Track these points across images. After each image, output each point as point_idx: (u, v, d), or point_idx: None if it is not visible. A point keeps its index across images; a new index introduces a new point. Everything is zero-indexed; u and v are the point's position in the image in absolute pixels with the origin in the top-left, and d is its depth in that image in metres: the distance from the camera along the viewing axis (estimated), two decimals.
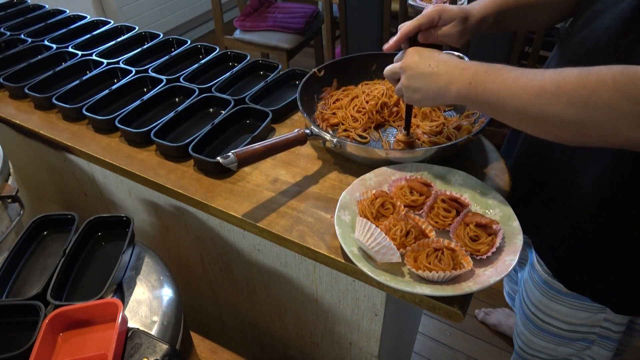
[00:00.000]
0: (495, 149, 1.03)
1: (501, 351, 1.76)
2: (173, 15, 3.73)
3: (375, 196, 0.86)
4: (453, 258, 0.76)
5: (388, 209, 0.85)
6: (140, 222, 1.27)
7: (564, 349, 1.01)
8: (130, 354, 0.75)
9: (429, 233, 0.82)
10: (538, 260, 0.96)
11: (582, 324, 0.94)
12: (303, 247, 0.86)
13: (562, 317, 0.95)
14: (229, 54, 1.41)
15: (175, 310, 0.88)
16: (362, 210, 0.85)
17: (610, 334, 0.93)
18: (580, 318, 0.93)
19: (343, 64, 1.20)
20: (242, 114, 1.16)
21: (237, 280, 1.18)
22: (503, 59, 1.98)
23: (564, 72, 0.63)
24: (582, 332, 0.96)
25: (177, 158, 1.07)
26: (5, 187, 1.09)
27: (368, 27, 2.23)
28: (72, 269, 0.89)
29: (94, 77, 1.33)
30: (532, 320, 1.02)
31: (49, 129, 1.20)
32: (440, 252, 0.77)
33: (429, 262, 0.76)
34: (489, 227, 0.80)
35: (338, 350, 1.13)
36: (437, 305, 0.76)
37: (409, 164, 0.94)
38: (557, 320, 0.97)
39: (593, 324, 0.93)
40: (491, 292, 1.93)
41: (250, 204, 0.94)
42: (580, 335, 0.96)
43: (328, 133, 0.99)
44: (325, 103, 1.15)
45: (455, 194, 0.86)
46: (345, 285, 0.95)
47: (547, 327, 0.99)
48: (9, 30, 1.61)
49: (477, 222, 0.80)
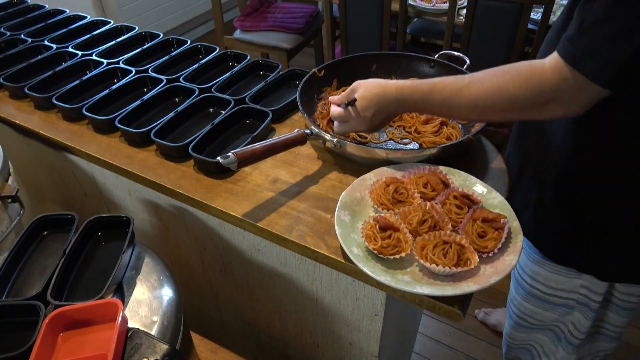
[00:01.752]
0: (495, 149, 1.03)
1: (501, 351, 1.76)
2: (173, 15, 3.73)
3: (387, 183, 0.87)
4: (461, 254, 0.76)
5: (402, 193, 0.87)
6: (140, 222, 1.27)
7: (549, 313, 1.07)
8: (130, 354, 0.75)
9: (444, 226, 0.82)
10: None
11: (561, 289, 1.01)
12: (303, 247, 0.86)
13: (544, 280, 1.02)
14: (229, 54, 1.41)
15: (175, 310, 0.88)
16: (378, 198, 0.86)
17: (589, 302, 0.98)
18: (559, 282, 1.00)
19: (343, 64, 1.20)
20: (242, 114, 1.16)
21: (237, 280, 1.18)
22: (503, 59, 1.98)
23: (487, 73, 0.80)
24: (562, 297, 1.02)
25: (177, 158, 1.07)
26: (5, 187, 1.09)
27: (368, 27, 2.23)
28: (72, 269, 0.89)
29: (94, 77, 1.33)
30: (521, 284, 1.09)
31: (49, 129, 1.20)
32: (448, 246, 0.77)
33: (434, 254, 0.76)
34: (496, 221, 0.80)
35: (338, 350, 1.13)
36: (437, 305, 0.76)
37: (409, 164, 0.94)
38: (540, 284, 1.03)
39: (571, 290, 0.99)
40: (491, 292, 1.93)
41: (250, 204, 0.94)
42: (561, 300, 1.03)
43: (328, 133, 0.99)
44: (325, 103, 1.15)
45: (467, 190, 0.86)
46: (345, 285, 0.95)
47: (532, 291, 1.06)
48: (9, 30, 1.61)
49: (484, 217, 0.81)
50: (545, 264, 1.00)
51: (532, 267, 1.04)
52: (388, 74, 1.20)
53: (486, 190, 0.88)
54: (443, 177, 0.89)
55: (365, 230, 0.81)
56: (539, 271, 1.02)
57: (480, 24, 1.95)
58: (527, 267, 1.05)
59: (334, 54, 2.48)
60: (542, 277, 1.02)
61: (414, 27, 2.87)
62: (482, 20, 1.94)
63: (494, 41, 1.98)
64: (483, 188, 0.89)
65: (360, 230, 0.83)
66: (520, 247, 0.77)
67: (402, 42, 2.28)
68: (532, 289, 1.06)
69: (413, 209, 0.84)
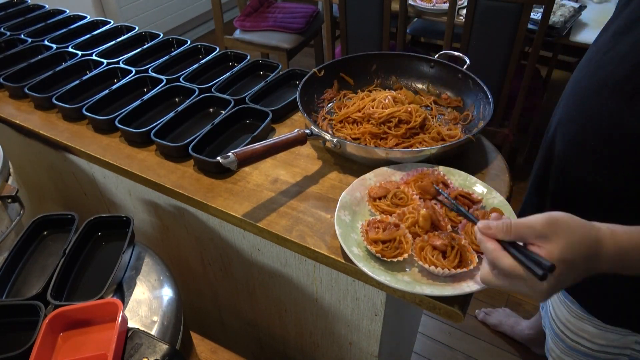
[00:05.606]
0: (495, 149, 1.03)
1: (501, 351, 1.76)
2: (173, 15, 3.73)
3: (378, 197, 0.87)
4: (461, 254, 0.76)
5: (402, 198, 0.86)
6: (140, 222, 1.27)
7: None
8: (130, 354, 0.75)
9: (445, 226, 0.82)
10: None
11: (612, 345, 0.90)
12: (303, 247, 0.86)
13: (591, 337, 0.91)
14: (229, 54, 1.41)
15: (175, 310, 0.88)
16: (378, 205, 0.86)
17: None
18: (610, 339, 0.89)
19: (343, 64, 1.20)
20: (242, 114, 1.16)
21: (237, 280, 1.18)
22: (503, 59, 1.98)
23: None
24: (613, 353, 0.91)
25: (177, 158, 1.07)
26: (5, 187, 1.09)
27: (368, 27, 2.23)
28: (72, 269, 0.89)
29: (94, 77, 1.33)
30: (562, 338, 0.99)
31: (49, 129, 1.20)
32: (449, 248, 0.77)
33: (432, 255, 0.76)
34: None
35: (338, 350, 1.13)
36: (437, 305, 0.76)
37: (409, 164, 0.94)
38: (586, 340, 0.92)
39: (624, 346, 0.89)
40: (491, 292, 1.93)
41: (250, 204, 0.94)
42: (611, 357, 0.92)
43: (328, 133, 0.99)
44: (341, 105, 1.12)
45: (467, 190, 0.86)
46: (345, 285, 0.95)
47: (576, 347, 0.95)
48: (9, 30, 1.61)
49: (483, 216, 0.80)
50: (592, 321, 0.88)
51: (575, 323, 0.91)
52: (388, 74, 1.20)
53: (486, 190, 0.88)
54: (442, 178, 0.89)
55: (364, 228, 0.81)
56: (585, 328, 0.89)
57: (480, 24, 1.95)
58: (570, 322, 0.92)
59: (334, 54, 2.48)
60: (589, 334, 0.89)
61: (414, 27, 2.87)
62: (482, 20, 1.94)
63: (494, 41, 1.98)
64: (483, 188, 0.89)
65: (360, 230, 0.83)
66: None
67: (402, 42, 2.28)
68: (575, 344, 0.94)
69: (407, 211, 0.83)
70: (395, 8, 2.16)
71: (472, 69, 1.13)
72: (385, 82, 1.21)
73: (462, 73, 1.12)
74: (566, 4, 2.12)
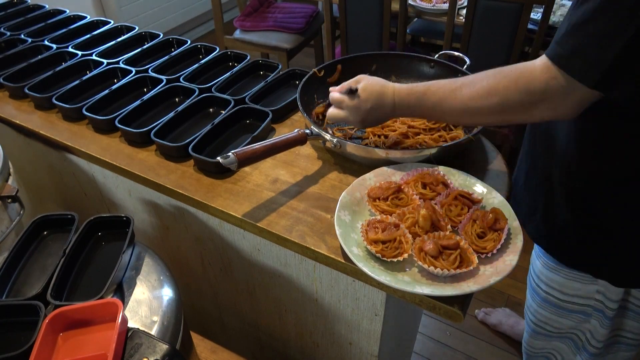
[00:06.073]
0: (495, 149, 1.03)
1: (501, 351, 1.76)
2: (173, 15, 3.73)
3: (378, 197, 0.87)
4: (461, 255, 0.76)
5: (402, 198, 0.87)
6: (140, 222, 1.27)
7: (565, 321, 1.06)
8: (130, 354, 0.74)
9: (445, 226, 0.82)
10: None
11: (577, 295, 0.99)
12: (303, 247, 0.86)
13: (559, 287, 1.01)
14: (229, 54, 1.41)
15: (175, 310, 0.87)
16: (378, 206, 0.86)
17: (604, 309, 0.97)
18: (575, 288, 0.98)
19: (343, 64, 1.20)
20: (242, 114, 1.16)
21: (237, 280, 1.18)
22: (503, 59, 1.98)
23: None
24: (578, 303, 1.00)
25: (177, 158, 1.07)
26: (5, 187, 1.09)
27: (368, 27, 2.23)
28: (72, 269, 0.89)
29: (94, 77, 1.33)
30: (537, 291, 1.07)
31: (49, 129, 1.20)
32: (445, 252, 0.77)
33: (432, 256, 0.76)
34: (497, 222, 0.80)
35: (338, 350, 1.13)
36: (437, 305, 0.76)
37: (409, 164, 0.94)
38: (556, 291, 1.02)
39: (587, 296, 0.98)
40: (491, 292, 1.93)
41: (250, 204, 0.94)
42: (577, 307, 1.01)
43: (328, 133, 0.99)
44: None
45: (467, 190, 0.86)
46: (345, 285, 0.95)
47: (548, 298, 1.04)
48: (9, 30, 1.61)
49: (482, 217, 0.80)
50: (560, 270, 0.98)
51: (547, 274, 1.02)
52: (388, 74, 1.20)
53: (486, 190, 0.88)
54: (442, 178, 0.89)
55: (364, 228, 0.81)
56: (554, 277, 1.00)
57: (480, 24, 1.95)
58: (542, 274, 1.03)
59: (334, 54, 2.48)
60: (557, 284, 1.01)
61: (414, 27, 2.87)
62: (482, 20, 1.94)
63: (494, 41, 1.98)
64: (483, 188, 0.89)
65: (360, 230, 0.83)
66: (519, 247, 0.77)
67: (402, 42, 2.28)
68: (547, 295, 1.04)
69: (407, 212, 0.83)
70: (395, 8, 2.16)
71: (472, 69, 1.12)
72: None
73: (462, 73, 1.12)
74: (566, 4, 2.12)
